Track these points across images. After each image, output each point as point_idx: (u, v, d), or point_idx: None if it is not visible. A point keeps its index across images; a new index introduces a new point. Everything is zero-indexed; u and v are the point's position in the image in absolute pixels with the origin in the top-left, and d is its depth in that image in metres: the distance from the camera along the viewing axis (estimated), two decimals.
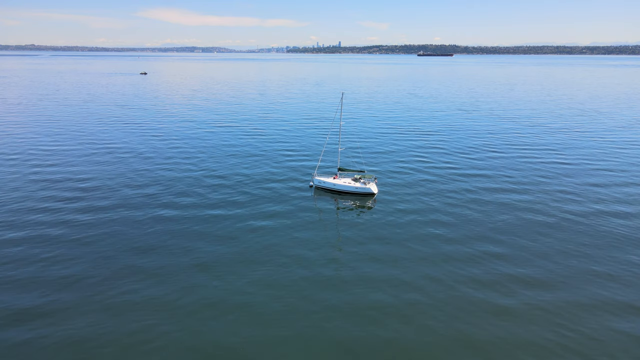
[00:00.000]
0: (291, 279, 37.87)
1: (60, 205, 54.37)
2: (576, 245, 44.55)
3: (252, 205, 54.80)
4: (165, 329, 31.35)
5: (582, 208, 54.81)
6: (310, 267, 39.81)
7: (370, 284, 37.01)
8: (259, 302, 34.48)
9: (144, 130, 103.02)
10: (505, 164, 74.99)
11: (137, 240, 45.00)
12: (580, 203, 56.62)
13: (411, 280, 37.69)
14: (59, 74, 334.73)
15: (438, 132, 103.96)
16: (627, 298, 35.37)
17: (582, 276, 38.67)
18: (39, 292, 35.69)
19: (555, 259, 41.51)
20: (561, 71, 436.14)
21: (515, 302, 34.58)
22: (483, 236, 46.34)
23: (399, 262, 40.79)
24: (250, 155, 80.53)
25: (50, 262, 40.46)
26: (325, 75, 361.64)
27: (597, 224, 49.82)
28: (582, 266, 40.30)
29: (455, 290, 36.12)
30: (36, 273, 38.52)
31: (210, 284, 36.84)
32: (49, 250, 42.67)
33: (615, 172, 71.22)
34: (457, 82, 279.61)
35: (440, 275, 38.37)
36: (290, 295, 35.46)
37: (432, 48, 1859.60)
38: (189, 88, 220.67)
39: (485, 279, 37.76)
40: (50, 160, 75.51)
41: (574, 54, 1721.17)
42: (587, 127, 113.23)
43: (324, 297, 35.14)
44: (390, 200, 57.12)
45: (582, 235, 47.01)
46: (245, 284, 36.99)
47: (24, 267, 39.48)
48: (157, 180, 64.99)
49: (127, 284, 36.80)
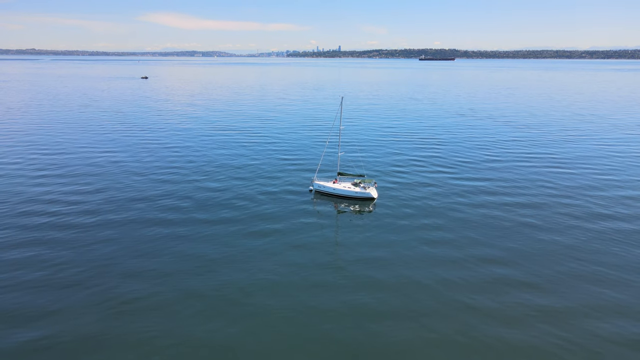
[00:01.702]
0: (290, 284, 38.08)
1: (55, 212, 54.66)
2: (579, 251, 44.76)
3: (252, 210, 55.10)
4: (163, 335, 31.63)
5: (582, 214, 55.14)
6: (310, 272, 40.04)
7: (370, 290, 37.19)
8: (259, 309, 34.66)
9: (144, 135, 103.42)
10: (505, 170, 75.35)
11: (134, 247, 45.05)
12: (581, 208, 56.97)
13: (411, 285, 37.96)
14: (60, 78, 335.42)
15: (438, 137, 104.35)
16: (624, 302, 35.68)
17: (583, 283, 38.85)
18: (34, 296, 36.00)
19: (554, 266, 41.75)
20: (562, 76, 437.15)
21: (515, 311, 34.83)
22: (483, 243, 46.60)
23: (399, 267, 41.02)
24: (250, 159, 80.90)
25: (45, 267, 40.71)
26: (325, 79, 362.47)
27: (601, 231, 50.11)
28: (582, 272, 40.46)
29: (456, 297, 36.34)
30: (28, 277, 38.81)
31: (208, 290, 36.93)
32: (45, 255, 42.95)
33: (615, 176, 71.62)
34: (467, 86, 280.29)
35: (439, 281, 38.60)
36: (291, 301, 35.70)
37: (432, 52, 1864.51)
38: (189, 93, 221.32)
39: (485, 287, 37.90)
40: (49, 165, 75.84)
41: (573, 58, 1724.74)
42: (590, 132, 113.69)
43: (324, 301, 35.39)
44: (390, 205, 57.45)
45: (584, 241, 47.25)
46: (245, 290, 37.14)
47: (18, 271, 39.79)
48: (155, 185, 65.31)
49: (123, 291, 36.81)
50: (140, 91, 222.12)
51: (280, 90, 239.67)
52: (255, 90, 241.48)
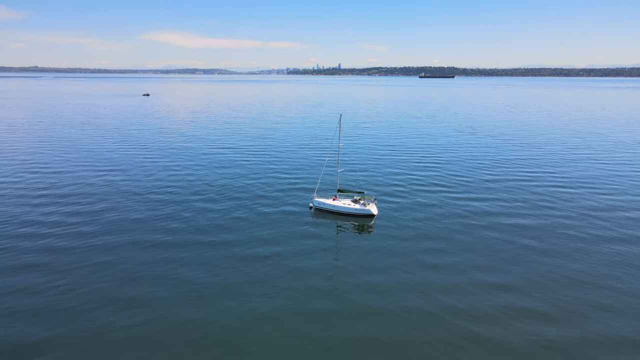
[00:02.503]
0: (289, 311, 36.88)
1: (47, 234, 54.09)
2: (577, 272, 43.78)
3: (251, 229, 54.30)
4: None
5: (583, 234, 54.45)
6: (309, 297, 38.91)
7: (370, 317, 36.06)
8: (257, 338, 33.53)
9: (143, 154, 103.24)
10: (505, 189, 74.77)
11: (126, 269, 43.68)
12: (581, 229, 56.39)
13: (412, 311, 36.87)
14: (62, 95, 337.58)
15: (438, 155, 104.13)
16: (629, 331, 34.92)
17: (584, 308, 37.80)
18: (24, 324, 35.29)
19: (559, 290, 40.57)
20: (561, 94, 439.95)
21: (515, 337, 33.75)
22: (484, 264, 45.68)
23: (399, 291, 39.87)
24: (249, 177, 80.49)
25: (40, 290, 39.96)
26: (325, 96, 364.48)
27: (601, 251, 49.41)
28: (583, 296, 39.32)
29: (458, 324, 35.23)
30: (23, 302, 38.17)
31: (204, 317, 35.47)
32: (39, 278, 42.27)
33: (617, 196, 71.23)
34: (467, 104, 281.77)
35: (437, 304, 37.48)
36: (290, 329, 34.61)
37: (431, 70, 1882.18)
38: (189, 110, 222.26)
39: (483, 311, 36.61)
40: (50, 185, 75.51)
41: (571, 76, 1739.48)
42: (590, 151, 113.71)
43: (323, 330, 34.31)
44: (390, 222, 56.77)
45: (584, 262, 46.37)
46: (243, 317, 35.78)
47: (12, 295, 39.15)
48: (153, 205, 64.47)
49: (115, 316, 35.54)
50: (142, 109, 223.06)
51: (280, 108, 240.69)
52: (255, 107, 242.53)
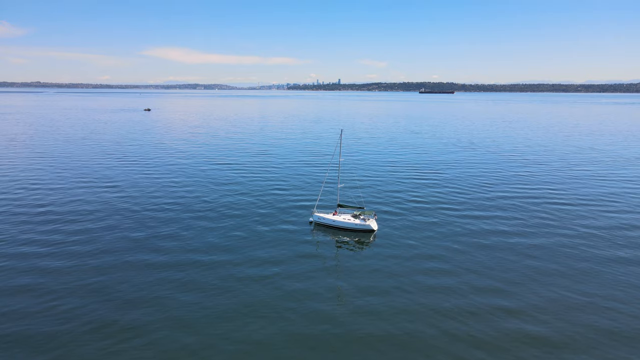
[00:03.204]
0: (288, 327, 37.00)
1: (40, 251, 54.38)
2: (583, 294, 43.27)
3: (250, 245, 54.55)
4: None
5: (587, 253, 54.57)
6: (308, 320, 38.41)
7: (369, 338, 35.87)
8: None
9: (142, 169, 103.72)
10: (506, 205, 75.04)
11: (120, 290, 42.13)
12: (585, 248, 56.59)
13: (412, 330, 36.71)
14: (64, 110, 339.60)
15: (439, 170, 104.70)
16: None
17: (591, 333, 37.40)
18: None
19: (559, 312, 40.49)
20: (560, 109, 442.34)
21: None
22: (484, 284, 45.52)
23: (400, 310, 39.41)
24: (249, 192, 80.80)
25: (31, 313, 40.01)
26: (325, 111, 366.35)
27: (608, 272, 49.33)
28: (590, 320, 38.48)
29: (455, 344, 35.08)
30: (13, 325, 38.24)
31: (200, 340, 34.32)
32: (32, 299, 42.39)
33: (618, 213, 71.51)
34: (469, 119, 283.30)
35: (438, 328, 37.01)
36: (287, 346, 34.72)
37: (431, 85, 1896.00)
38: (190, 125, 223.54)
39: (485, 334, 36.02)
40: (44, 199, 75.92)
41: (569, 92, 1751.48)
42: (591, 167, 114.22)
43: (323, 349, 34.54)
44: (389, 238, 57.01)
45: (590, 284, 46.06)
46: (240, 341, 34.93)
47: None
48: (149, 222, 64.65)
49: (108, 340, 34.43)
50: (143, 124, 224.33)
51: (280, 123, 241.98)
52: (255, 122, 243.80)
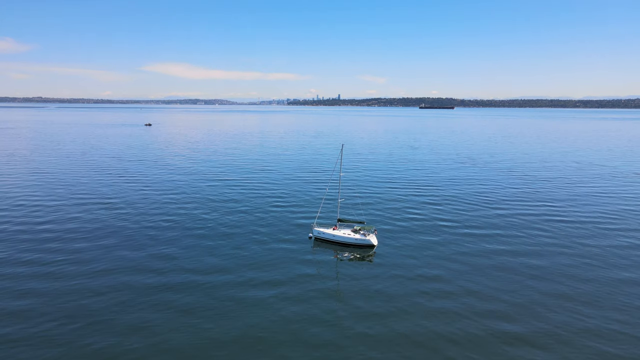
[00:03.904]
0: (286, 353, 37.04)
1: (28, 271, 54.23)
2: (590, 318, 42.86)
3: (250, 261, 54.31)
4: None
5: (585, 271, 54.50)
6: (309, 339, 38.26)
7: (368, 348, 35.88)
8: None
9: (142, 183, 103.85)
10: (507, 222, 74.81)
11: (112, 315, 40.46)
12: (582, 266, 56.45)
13: (409, 344, 36.70)
14: (65, 125, 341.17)
15: (440, 186, 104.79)
16: None
17: None
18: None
19: (565, 336, 39.83)
20: (559, 124, 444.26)
21: None
22: (483, 306, 45.03)
23: (400, 335, 38.78)
24: (249, 207, 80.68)
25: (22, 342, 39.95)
26: (325, 126, 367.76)
27: (613, 292, 49.19)
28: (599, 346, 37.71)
29: None
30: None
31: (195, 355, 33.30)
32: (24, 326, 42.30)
33: (621, 230, 71.46)
34: (471, 134, 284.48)
35: (440, 351, 36.70)
36: None
37: (430, 101, 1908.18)
38: (190, 140, 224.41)
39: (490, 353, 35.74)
40: (40, 215, 75.93)
41: (568, 107, 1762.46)
42: (590, 182, 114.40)
43: None
44: (390, 253, 56.77)
45: (597, 307, 45.64)
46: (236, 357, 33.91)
47: None
48: (147, 235, 64.61)
49: None
50: (144, 139, 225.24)
51: (280, 138, 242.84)
52: (255, 137, 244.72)
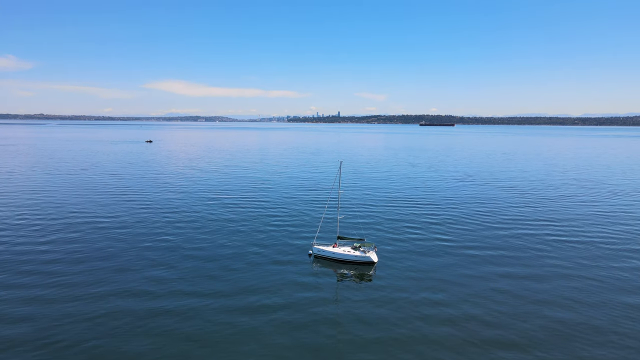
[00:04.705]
0: None
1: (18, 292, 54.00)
2: (586, 329, 42.86)
3: (249, 280, 54.13)
4: None
5: (589, 288, 54.30)
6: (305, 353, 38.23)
7: None
8: None
9: (141, 200, 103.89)
10: (507, 239, 74.77)
11: (110, 326, 40.30)
12: (588, 282, 56.28)
13: None
14: (67, 142, 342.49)
15: (440, 204, 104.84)
16: None
17: None
18: None
19: (563, 347, 40.10)
20: (559, 142, 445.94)
21: None
22: (486, 323, 44.82)
23: (400, 346, 39.14)
24: (248, 223, 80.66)
25: None
26: (325, 143, 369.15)
27: (610, 305, 49.03)
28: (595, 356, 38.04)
29: None
30: None
31: None
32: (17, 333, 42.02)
33: (621, 245, 71.38)
34: (472, 151, 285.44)
35: None
36: None
37: (429, 118, 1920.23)
38: (190, 156, 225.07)
39: None
40: (35, 230, 75.90)
41: (566, 125, 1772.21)
42: (590, 199, 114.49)
43: None
44: (390, 272, 56.52)
45: (595, 319, 45.53)
46: None
47: None
48: (143, 253, 64.09)
49: None
50: (144, 155, 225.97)
51: (280, 154, 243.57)
52: (254, 154, 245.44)
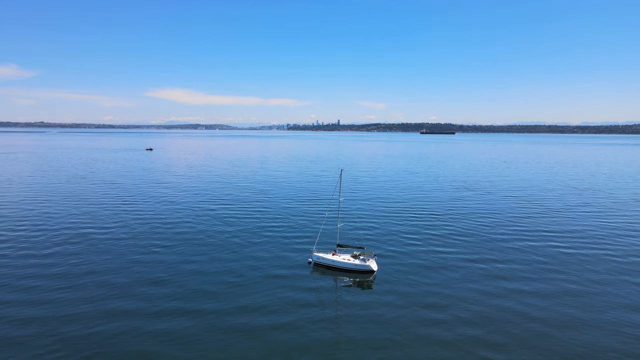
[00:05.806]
0: None
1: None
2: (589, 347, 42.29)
3: (248, 286, 53.92)
4: None
5: (593, 301, 54.13)
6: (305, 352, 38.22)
7: None
8: None
9: (139, 209, 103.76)
10: (508, 249, 74.50)
11: (100, 343, 39.29)
12: (590, 296, 56.15)
13: None
14: (67, 150, 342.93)
15: (440, 213, 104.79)
16: None
17: None
18: None
19: None
20: (558, 150, 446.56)
21: None
22: (488, 339, 44.39)
23: (399, 351, 39.04)
24: (247, 231, 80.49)
25: None
26: (324, 151, 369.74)
27: (611, 321, 48.90)
28: None
29: None
30: None
31: None
32: None
33: (621, 257, 71.24)
34: (473, 160, 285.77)
35: None
36: None
37: (430, 126, 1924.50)
38: (190, 164, 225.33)
39: None
40: (32, 239, 75.78)
41: (565, 133, 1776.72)
42: (591, 208, 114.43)
43: None
44: (390, 280, 56.31)
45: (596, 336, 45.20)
46: None
47: None
48: (140, 267, 63.61)
49: None
50: (144, 163, 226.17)
51: (279, 162, 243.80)
52: (254, 162, 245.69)
